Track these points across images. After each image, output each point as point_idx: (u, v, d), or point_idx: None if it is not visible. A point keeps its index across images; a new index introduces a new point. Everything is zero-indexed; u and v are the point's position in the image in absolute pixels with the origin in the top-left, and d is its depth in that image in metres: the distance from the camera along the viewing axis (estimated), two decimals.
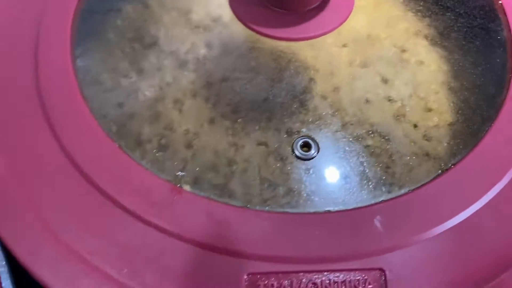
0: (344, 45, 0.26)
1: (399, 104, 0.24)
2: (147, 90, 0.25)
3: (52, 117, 0.24)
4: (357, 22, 0.26)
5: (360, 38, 0.26)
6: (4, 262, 0.24)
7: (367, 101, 0.24)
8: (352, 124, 0.23)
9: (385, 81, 0.25)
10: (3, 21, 0.27)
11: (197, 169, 0.22)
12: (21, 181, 0.23)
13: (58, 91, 0.24)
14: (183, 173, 0.22)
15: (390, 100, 0.24)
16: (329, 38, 0.26)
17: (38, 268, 0.21)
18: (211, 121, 0.24)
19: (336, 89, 0.24)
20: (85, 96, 0.24)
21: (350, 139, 0.23)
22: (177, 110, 0.24)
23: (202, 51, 0.26)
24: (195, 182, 0.22)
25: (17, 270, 0.24)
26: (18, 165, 0.23)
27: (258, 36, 0.25)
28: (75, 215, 0.22)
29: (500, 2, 0.28)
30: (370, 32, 0.26)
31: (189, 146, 0.23)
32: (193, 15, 0.27)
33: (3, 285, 0.24)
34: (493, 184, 0.22)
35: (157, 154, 0.23)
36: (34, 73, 0.25)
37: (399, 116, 0.24)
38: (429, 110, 0.24)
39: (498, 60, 0.26)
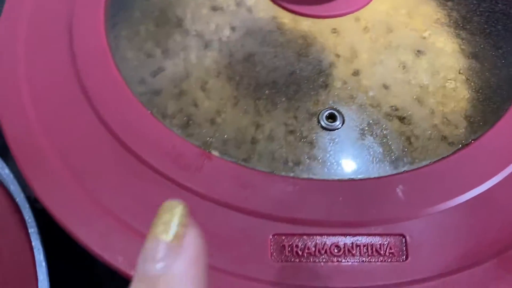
0: (366, 28, 0.26)
1: (421, 83, 0.25)
2: (179, 63, 0.26)
3: (87, 85, 0.25)
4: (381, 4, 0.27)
5: (383, 20, 0.27)
6: (34, 224, 0.25)
7: (390, 81, 0.25)
8: (375, 100, 0.24)
9: (406, 62, 0.26)
10: None
11: (226, 136, 0.23)
12: (57, 144, 0.24)
13: (92, 58, 0.25)
14: (212, 139, 0.23)
15: (410, 82, 0.25)
16: (351, 19, 0.26)
17: (72, 224, 0.22)
18: (240, 93, 0.25)
19: (359, 68, 0.25)
20: (118, 65, 0.25)
21: (374, 113, 0.24)
22: (208, 81, 0.25)
23: (235, 22, 0.26)
24: (224, 148, 0.23)
25: (46, 230, 0.25)
26: (54, 129, 0.24)
27: (284, 12, 0.26)
28: (108, 175, 0.23)
29: None
30: (393, 14, 0.27)
31: (218, 114, 0.24)
32: None
33: (33, 244, 0.25)
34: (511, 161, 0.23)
35: (187, 122, 0.24)
36: (69, 40, 0.26)
37: (421, 96, 0.25)
38: (451, 90, 0.25)
39: None
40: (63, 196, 0.22)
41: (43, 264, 0.25)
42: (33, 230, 0.25)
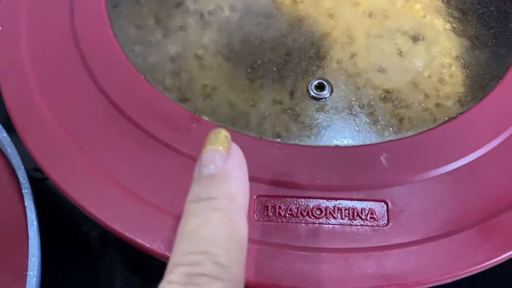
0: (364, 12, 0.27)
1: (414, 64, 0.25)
2: (175, 33, 0.26)
3: (85, 52, 0.25)
4: None
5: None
6: (28, 185, 0.26)
7: (383, 59, 0.25)
8: (365, 73, 0.25)
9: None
10: None
11: (216, 102, 0.24)
12: (56, 109, 0.24)
13: (91, 25, 0.26)
14: (203, 105, 0.24)
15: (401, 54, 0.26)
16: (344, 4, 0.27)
17: (67, 183, 0.22)
18: (231, 60, 0.25)
19: (352, 42, 0.26)
20: (115, 33, 0.26)
21: (363, 85, 0.24)
22: (202, 52, 0.25)
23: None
24: (213, 113, 0.23)
25: (39, 194, 0.26)
26: (53, 95, 0.25)
27: None
28: (103, 136, 0.23)
29: None
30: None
31: (210, 81, 0.24)
32: None
33: (26, 204, 0.26)
34: (496, 135, 0.23)
35: (179, 88, 0.24)
36: (69, 8, 0.27)
37: (412, 74, 0.25)
38: (441, 67, 0.25)
39: (510, 25, 0.27)
40: (59, 156, 0.23)
41: (35, 223, 0.25)
42: (26, 191, 0.26)
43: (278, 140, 0.23)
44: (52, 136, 0.23)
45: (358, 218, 0.21)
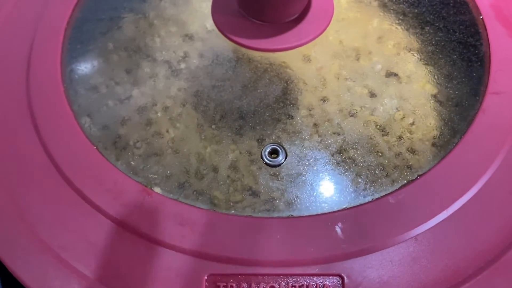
0: (320, 57, 0.26)
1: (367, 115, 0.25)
2: (125, 96, 0.26)
3: (37, 117, 0.25)
4: (336, 34, 0.27)
5: (336, 50, 0.26)
6: None
7: (340, 114, 0.25)
8: (322, 133, 0.24)
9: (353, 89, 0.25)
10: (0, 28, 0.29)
11: (169, 172, 0.23)
12: (3, 178, 0.24)
13: (45, 93, 0.26)
14: (155, 176, 0.23)
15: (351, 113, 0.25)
16: (304, 50, 0.26)
17: (11, 258, 0.22)
18: (187, 126, 0.25)
19: (311, 99, 0.25)
20: (69, 99, 0.26)
21: (319, 148, 0.24)
22: (154, 115, 0.25)
23: (185, 59, 0.27)
24: (166, 184, 0.23)
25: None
26: (2, 163, 0.24)
27: (237, 46, 0.26)
28: (51, 210, 0.23)
29: (481, 17, 0.28)
30: (346, 44, 0.27)
31: (162, 149, 0.24)
32: (175, 25, 0.28)
33: None
34: (458, 196, 0.22)
35: (131, 157, 0.24)
36: (25, 77, 0.27)
37: (369, 125, 0.24)
38: (403, 122, 0.25)
39: (474, 74, 0.26)
40: (3, 229, 0.22)
41: None
42: None
43: (232, 212, 0.22)
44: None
45: None
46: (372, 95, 0.25)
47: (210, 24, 0.28)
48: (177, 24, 0.28)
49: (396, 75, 0.26)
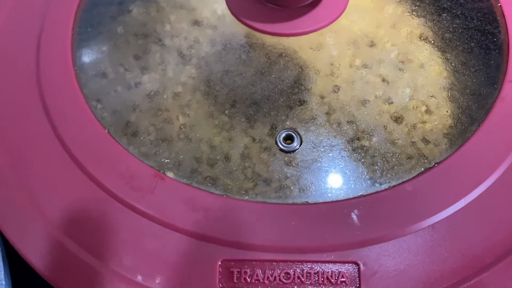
0: (334, 43, 0.26)
1: (384, 104, 0.24)
2: (138, 81, 0.25)
3: (48, 101, 0.25)
4: (351, 20, 0.27)
5: (351, 36, 0.26)
6: None
7: (356, 101, 0.24)
8: (337, 120, 0.24)
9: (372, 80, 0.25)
10: (10, 10, 0.28)
11: (181, 157, 0.23)
12: (13, 162, 0.23)
13: (56, 76, 0.25)
14: (167, 160, 0.23)
15: (365, 101, 0.24)
16: (321, 36, 0.26)
17: (23, 245, 0.22)
18: (200, 112, 0.24)
19: (326, 86, 0.25)
20: (80, 82, 0.25)
21: (335, 135, 0.23)
22: (166, 101, 0.25)
23: (199, 46, 0.26)
24: (179, 169, 0.23)
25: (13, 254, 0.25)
26: (12, 146, 0.24)
27: (251, 30, 0.26)
28: (62, 194, 0.22)
29: (499, 4, 0.27)
30: (361, 31, 0.26)
31: (176, 135, 0.23)
32: (188, 10, 0.27)
33: None
34: (476, 185, 0.22)
35: (144, 142, 0.23)
36: (35, 60, 0.26)
37: (387, 115, 0.24)
38: (419, 111, 0.24)
39: (492, 62, 0.26)
40: (14, 213, 0.22)
41: (3, 282, 0.25)
42: None
43: (245, 197, 0.22)
44: (9, 192, 0.22)
45: (328, 283, 0.20)
46: (388, 82, 0.25)
47: (222, 9, 0.27)
48: (189, 9, 0.28)
49: (412, 62, 0.25)
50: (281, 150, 0.23)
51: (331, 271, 0.20)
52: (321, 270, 0.20)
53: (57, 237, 0.21)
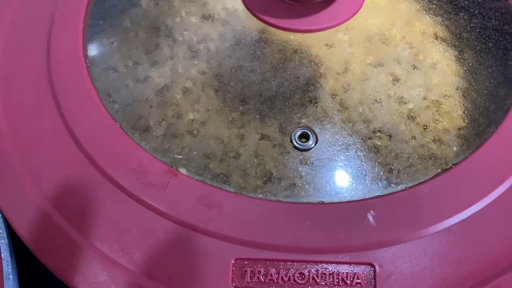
0: (349, 41, 0.25)
1: (401, 104, 0.24)
2: (150, 75, 0.25)
3: (58, 94, 0.24)
4: (366, 18, 0.26)
5: (368, 34, 0.26)
6: (5, 235, 0.25)
7: (371, 99, 0.24)
8: (352, 119, 0.23)
9: (390, 78, 0.25)
10: (20, 2, 0.28)
11: (195, 153, 0.23)
12: (24, 155, 0.23)
13: (67, 69, 0.25)
14: (180, 156, 0.22)
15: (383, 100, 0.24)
16: (336, 33, 0.25)
17: (33, 240, 0.21)
18: (212, 108, 0.24)
19: (341, 83, 0.24)
20: (92, 76, 0.25)
21: (350, 133, 0.23)
22: (178, 97, 0.24)
23: (211, 41, 0.26)
24: (192, 166, 0.22)
25: (18, 244, 0.25)
26: (23, 139, 0.24)
27: (265, 26, 0.25)
28: (73, 189, 0.22)
29: None
30: (377, 29, 0.26)
31: (188, 131, 0.23)
32: (203, 5, 0.27)
33: (2, 256, 0.25)
34: (494, 187, 0.21)
35: (156, 137, 0.23)
36: (46, 53, 0.26)
37: (403, 114, 0.24)
38: (431, 110, 0.24)
39: (510, 63, 0.25)
40: (23, 204, 0.22)
41: (11, 277, 0.24)
42: (3, 241, 0.25)
43: (260, 196, 0.21)
44: (19, 186, 0.22)
45: (343, 284, 0.20)
46: (402, 81, 0.24)
47: (235, 3, 0.27)
48: (199, 3, 0.28)
49: (430, 61, 0.25)
50: (296, 148, 0.22)
51: (346, 272, 0.20)
52: (336, 271, 0.20)
53: (70, 234, 0.21)
